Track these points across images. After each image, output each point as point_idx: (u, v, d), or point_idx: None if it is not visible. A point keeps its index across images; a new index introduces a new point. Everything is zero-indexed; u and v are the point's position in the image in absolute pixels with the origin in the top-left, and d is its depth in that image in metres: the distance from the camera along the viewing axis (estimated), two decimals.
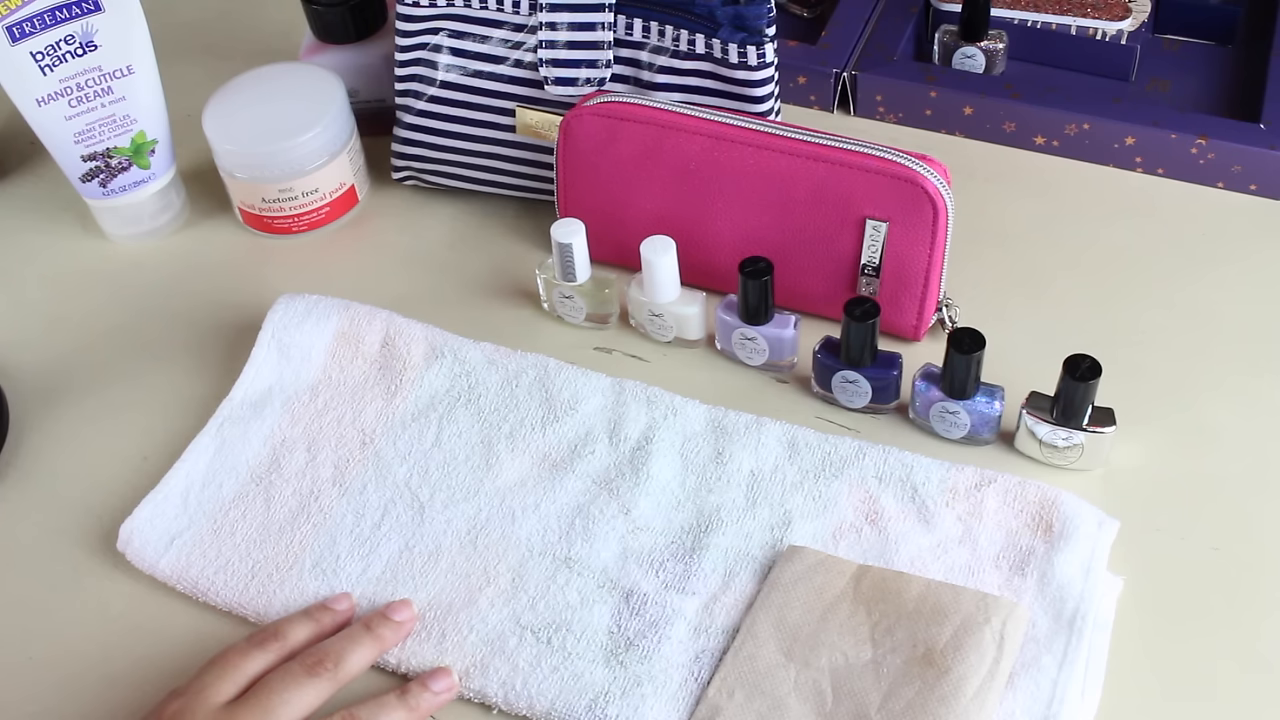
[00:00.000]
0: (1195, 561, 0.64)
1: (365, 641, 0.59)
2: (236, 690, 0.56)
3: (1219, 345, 0.73)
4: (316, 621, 0.61)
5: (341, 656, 0.58)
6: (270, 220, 0.83)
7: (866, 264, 0.72)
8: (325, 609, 0.62)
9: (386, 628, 0.60)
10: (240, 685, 0.57)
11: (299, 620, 0.61)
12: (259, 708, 0.55)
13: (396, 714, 0.57)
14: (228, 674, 0.57)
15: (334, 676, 0.57)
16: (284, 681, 0.56)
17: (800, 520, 0.66)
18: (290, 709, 0.55)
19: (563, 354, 0.74)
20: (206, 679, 0.57)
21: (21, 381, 0.77)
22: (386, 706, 0.57)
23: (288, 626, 0.60)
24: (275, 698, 0.55)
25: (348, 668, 0.58)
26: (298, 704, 0.56)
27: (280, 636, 0.59)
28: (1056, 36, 0.90)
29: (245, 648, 0.58)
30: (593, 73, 0.77)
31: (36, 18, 0.75)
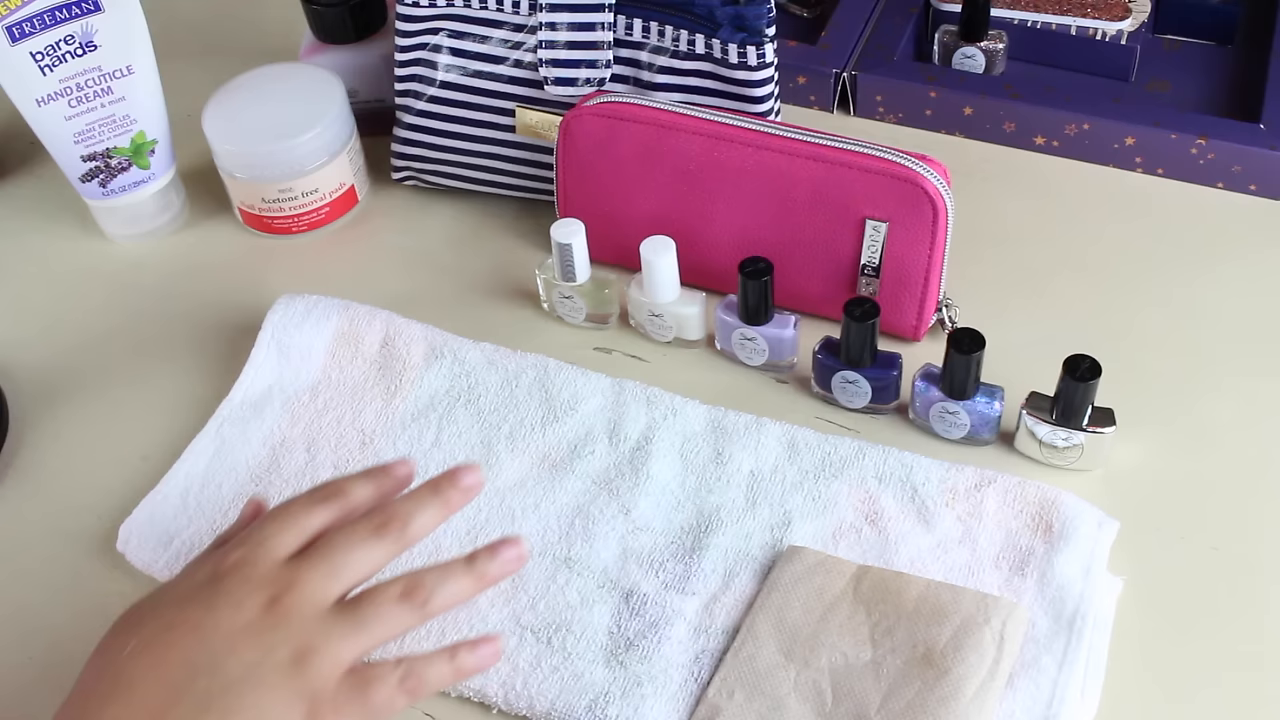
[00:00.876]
0: (1195, 561, 0.64)
1: (432, 505, 0.55)
2: (298, 544, 0.54)
3: (1219, 345, 0.73)
4: (377, 483, 0.57)
5: (409, 518, 0.54)
6: (270, 220, 0.83)
7: (866, 264, 0.72)
8: (385, 472, 0.57)
9: (454, 492, 0.56)
10: (302, 539, 0.54)
11: (360, 480, 0.57)
12: (324, 563, 0.52)
13: (462, 581, 0.54)
14: (289, 527, 0.54)
15: (400, 538, 0.54)
16: (349, 539, 0.53)
17: (800, 520, 0.66)
18: (355, 568, 0.53)
19: (563, 354, 0.74)
20: (267, 530, 0.54)
21: (21, 381, 0.77)
22: (453, 574, 0.54)
23: (349, 485, 0.56)
24: (340, 555, 0.53)
25: (414, 530, 0.54)
26: (363, 563, 0.53)
27: (342, 494, 0.56)
28: (1056, 36, 0.90)
29: (307, 502, 0.55)
30: (593, 73, 0.77)
31: (36, 18, 0.75)
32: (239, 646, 0.50)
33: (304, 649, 0.50)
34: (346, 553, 0.53)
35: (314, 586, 0.52)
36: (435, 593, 0.53)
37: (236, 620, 0.50)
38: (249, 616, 0.50)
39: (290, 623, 0.50)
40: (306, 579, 0.52)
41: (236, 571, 0.52)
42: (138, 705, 0.48)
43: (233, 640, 0.50)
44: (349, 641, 0.51)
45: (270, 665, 0.49)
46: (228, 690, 0.49)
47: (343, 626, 0.51)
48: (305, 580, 0.52)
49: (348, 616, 0.51)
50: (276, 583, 0.52)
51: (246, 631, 0.50)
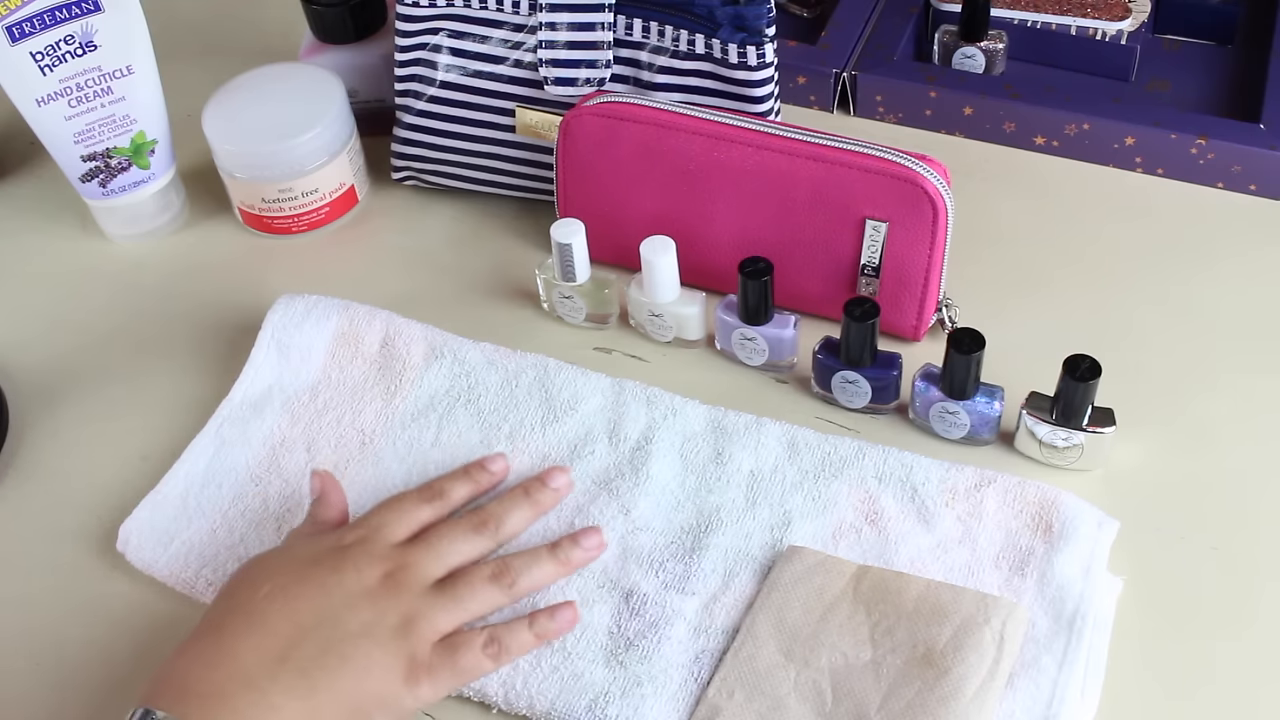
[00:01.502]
0: (1195, 561, 0.64)
1: (523, 506, 0.66)
2: (408, 533, 0.63)
3: (1219, 345, 0.73)
4: (475, 481, 0.67)
5: (503, 519, 0.65)
6: (270, 220, 0.83)
7: (866, 264, 0.72)
8: (482, 468, 0.68)
9: (544, 494, 0.66)
10: (411, 529, 0.64)
11: (459, 478, 0.67)
12: (430, 551, 0.62)
13: (547, 567, 0.63)
14: (402, 518, 0.64)
15: (495, 535, 0.64)
16: (452, 533, 0.63)
17: (800, 520, 0.66)
18: (456, 555, 0.63)
19: (562, 354, 0.74)
20: (383, 519, 0.63)
21: (21, 381, 0.77)
22: (539, 559, 0.63)
23: (449, 485, 0.66)
24: (444, 544, 0.63)
25: (508, 529, 0.65)
26: (463, 552, 0.63)
27: (443, 495, 0.66)
28: (1056, 36, 0.90)
29: (414, 499, 0.65)
30: (592, 73, 0.77)
31: (36, 18, 0.75)
32: (358, 607, 0.59)
33: (410, 616, 0.59)
34: (449, 543, 0.63)
35: (421, 566, 0.61)
36: (521, 575, 0.63)
37: (358, 585, 0.59)
38: (368, 584, 0.59)
39: (401, 593, 0.60)
40: (416, 559, 0.61)
41: (359, 546, 0.61)
42: (268, 641, 0.56)
43: (353, 601, 0.59)
44: (446, 614, 0.60)
45: (382, 626, 0.58)
46: (345, 640, 0.57)
47: (443, 600, 0.60)
48: (415, 560, 0.61)
49: (447, 593, 0.61)
50: (391, 560, 0.61)
51: (365, 596, 0.59)
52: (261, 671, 0.55)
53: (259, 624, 0.57)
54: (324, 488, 0.67)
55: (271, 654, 0.56)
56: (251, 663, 0.55)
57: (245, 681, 0.55)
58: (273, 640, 0.56)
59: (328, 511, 0.65)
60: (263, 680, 0.55)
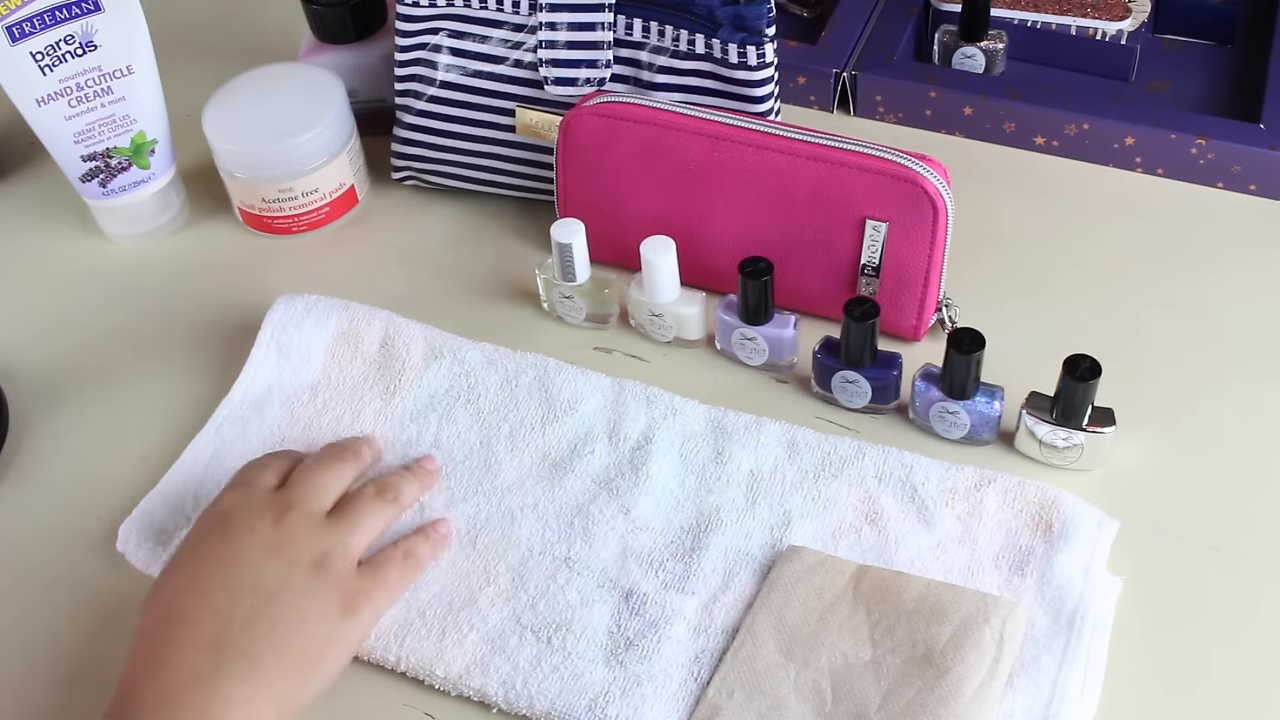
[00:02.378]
0: (1195, 561, 0.64)
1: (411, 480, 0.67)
2: (279, 478, 0.64)
3: (1219, 345, 0.73)
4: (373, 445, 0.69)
5: (401, 489, 0.66)
6: (270, 220, 0.83)
7: (866, 264, 0.72)
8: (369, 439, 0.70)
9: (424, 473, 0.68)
10: (280, 475, 0.64)
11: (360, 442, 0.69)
12: (307, 484, 0.63)
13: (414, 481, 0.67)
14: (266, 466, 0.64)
15: (358, 459, 0.67)
16: (319, 464, 0.65)
17: (800, 520, 0.66)
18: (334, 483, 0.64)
19: (563, 354, 0.74)
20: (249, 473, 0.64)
21: (21, 381, 0.77)
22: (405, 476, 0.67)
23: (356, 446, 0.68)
24: (317, 475, 0.64)
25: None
26: (336, 480, 0.64)
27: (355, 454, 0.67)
28: (1056, 36, 0.90)
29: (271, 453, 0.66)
30: (593, 73, 0.77)
31: (36, 18, 0.75)
32: (265, 563, 0.58)
33: (321, 553, 0.59)
34: (322, 473, 0.64)
35: (307, 500, 0.62)
36: (401, 488, 0.66)
37: (255, 541, 0.59)
38: (263, 536, 0.59)
39: (299, 532, 0.60)
40: (298, 496, 0.62)
41: (238, 506, 0.61)
42: (196, 634, 0.56)
43: (258, 558, 0.58)
44: (352, 537, 0.61)
45: (299, 570, 0.58)
46: (270, 601, 0.57)
47: (343, 526, 0.61)
48: (298, 498, 0.62)
49: (342, 518, 0.62)
50: (274, 505, 0.61)
51: (265, 548, 0.59)
52: (204, 664, 0.55)
53: (181, 621, 0.56)
54: None
55: (205, 645, 0.55)
56: (189, 659, 0.55)
57: (191, 679, 0.54)
58: (199, 631, 0.56)
59: None
60: (207, 673, 0.54)
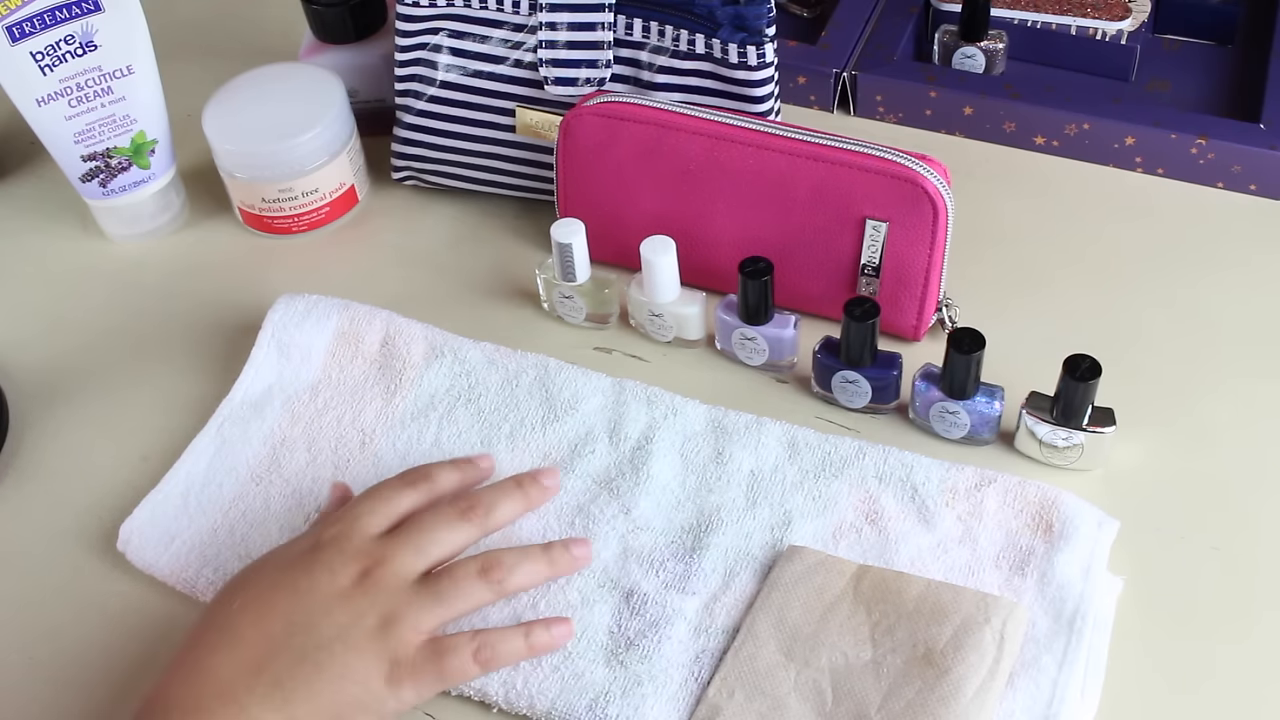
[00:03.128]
0: (1195, 561, 0.64)
1: (515, 496, 0.63)
2: (388, 524, 0.60)
3: (1219, 345, 0.73)
4: (462, 471, 0.65)
5: (492, 506, 0.62)
6: (270, 220, 0.83)
7: (866, 264, 0.72)
8: (470, 462, 0.65)
9: (535, 489, 0.64)
10: (392, 519, 0.60)
11: (447, 467, 0.64)
12: (411, 542, 0.59)
13: (538, 565, 0.61)
14: (380, 507, 0.61)
15: (483, 524, 0.61)
16: (435, 520, 0.60)
17: (800, 520, 0.66)
18: (440, 547, 0.59)
19: (563, 354, 0.74)
20: (361, 509, 0.60)
21: (21, 381, 0.77)
22: (529, 556, 0.61)
23: (436, 471, 0.63)
24: (427, 535, 0.59)
25: (496, 518, 0.62)
26: (447, 543, 0.60)
27: (430, 479, 0.63)
28: (1056, 36, 0.90)
29: (398, 485, 0.62)
30: (593, 73, 0.77)
31: (36, 18, 0.75)
32: (333, 610, 0.56)
33: (390, 616, 0.57)
34: (432, 532, 0.60)
35: (401, 561, 0.58)
36: (511, 572, 0.60)
37: (332, 587, 0.57)
38: (343, 584, 0.57)
39: (379, 592, 0.57)
40: (395, 554, 0.58)
41: (333, 544, 0.58)
42: (242, 654, 0.55)
43: (328, 604, 0.56)
44: (429, 612, 0.58)
45: (360, 629, 0.56)
46: (321, 647, 0.55)
47: (424, 598, 0.58)
48: (394, 555, 0.58)
49: (430, 590, 0.58)
50: (369, 556, 0.58)
51: (340, 597, 0.57)
52: (239, 684, 0.54)
53: (230, 637, 0.56)
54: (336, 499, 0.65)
55: (246, 666, 0.55)
56: (227, 676, 0.54)
57: (223, 695, 0.54)
58: (246, 652, 0.55)
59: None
60: (240, 693, 0.54)
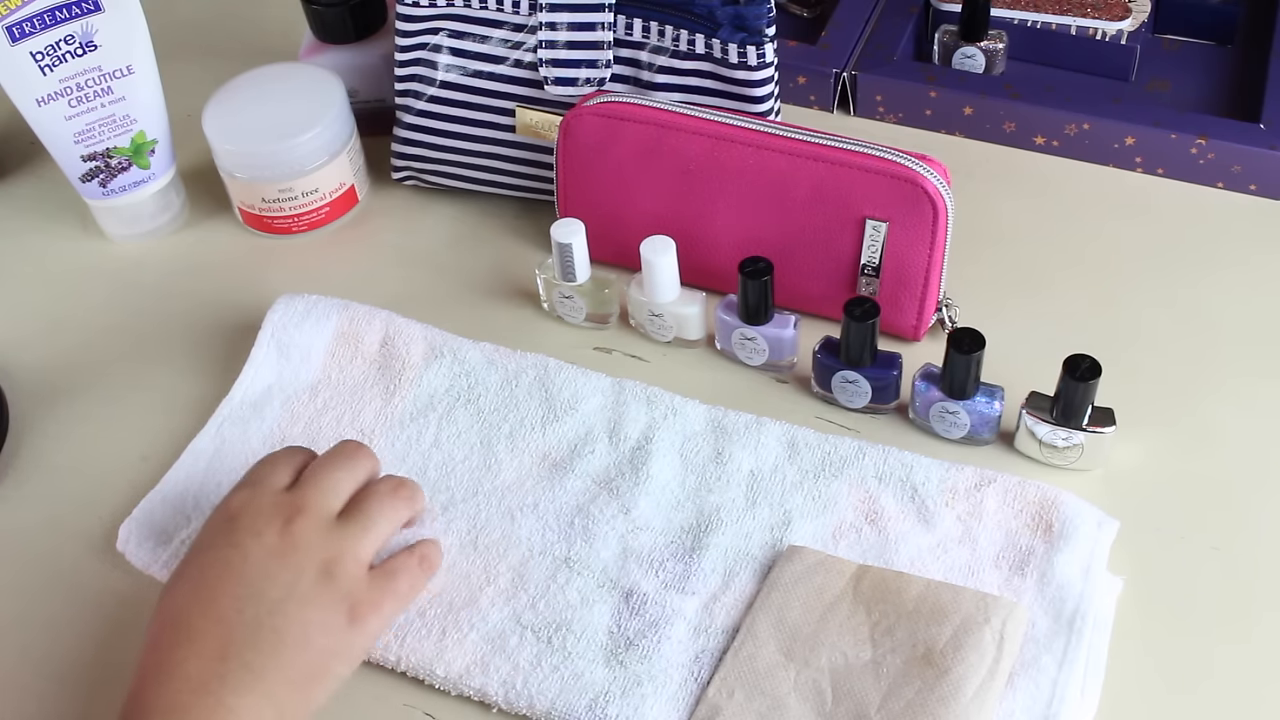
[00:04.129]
0: (1195, 561, 0.64)
1: None
2: (290, 478, 0.62)
3: (1219, 345, 0.73)
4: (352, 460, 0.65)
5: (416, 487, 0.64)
6: (270, 220, 0.83)
7: (866, 264, 0.72)
8: None
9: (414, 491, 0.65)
10: (291, 474, 0.62)
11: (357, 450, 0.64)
12: (317, 484, 0.61)
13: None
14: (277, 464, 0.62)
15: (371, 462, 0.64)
16: (330, 463, 0.62)
17: (800, 520, 0.66)
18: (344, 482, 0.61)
19: (563, 354, 0.74)
20: (261, 472, 0.62)
21: (21, 381, 0.77)
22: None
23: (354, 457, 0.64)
24: (327, 475, 0.61)
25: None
26: (349, 479, 0.62)
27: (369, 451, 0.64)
28: (1056, 36, 0.90)
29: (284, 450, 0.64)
30: (593, 73, 0.77)
31: (36, 18, 0.75)
32: (272, 571, 0.57)
33: (328, 560, 0.58)
34: (331, 472, 0.61)
35: (314, 501, 0.59)
36: (417, 487, 0.63)
37: (261, 549, 0.57)
38: (271, 542, 0.57)
39: (308, 539, 0.58)
40: (308, 499, 0.59)
41: (246, 508, 0.59)
42: (201, 645, 0.55)
43: (265, 566, 0.57)
44: (362, 542, 0.59)
45: (305, 580, 0.57)
46: (274, 612, 0.56)
47: (353, 529, 0.59)
48: (307, 500, 0.59)
49: (353, 521, 0.60)
50: (283, 509, 0.59)
51: (272, 556, 0.57)
52: (208, 675, 0.54)
53: (185, 632, 0.55)
54: None
55: (210, 656, 0.55)
56: (194, 670, 0.54)
57: (196, 688, 0.54)
58: (204, 642, 0.55)
59: None
60: (212, 684, 0.54)
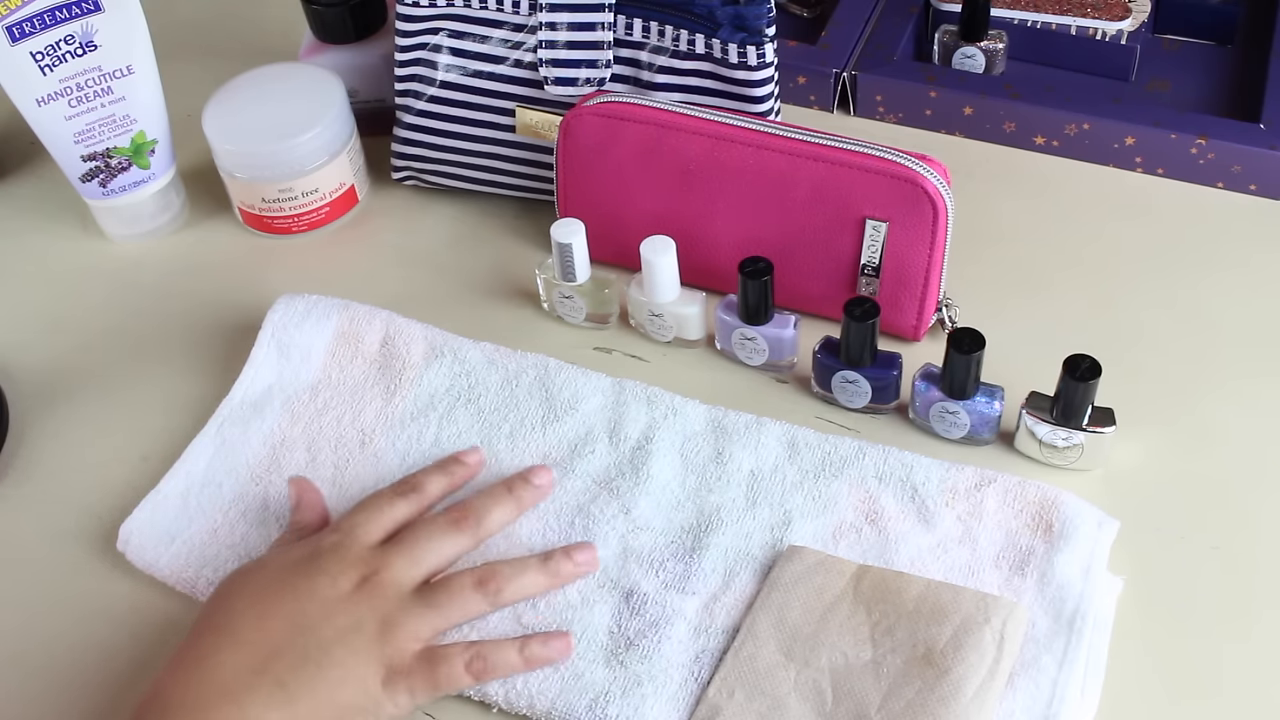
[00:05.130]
0: (1195, 561, 0.64)
1: (505, 502, 0.64)
2: (384, 534, 0.62)
3: (1219, 345, 0.73)
4: (450, 475, 0.66)
5: (483, 514, 0.64)
6: (270, 220, 0.83)
7: (866, 264, 0.72)
8: (457, 461, 0.67)
9: (526, 490, 0.65)
10: (387, 529, 0.63)
11: (434, 473, 0.66)
12: (407, 552, 0.61)
13: (536, 577, 0.62)
14: (375, 518, 0.63)
15: (475, 532, 0.63)
16: (430, 531, 0.62)
17: (800, 520, 0.66)
18: (435, 556, 0.61)
19: (563, 354, 0.74)
20: (357, 519, 0.62)
21: (21, 381, 0.77)
22: (527, 568, 0.62)
23: (425, 479, 0.65)
24: (421, 545, 0.61)
25: (488, 525, 0.64)
26: (441, 553, 0.62)
27: (419, 489, 0.65)
28: (1056, 36, 0.90)
29: (389, 495, 0.64)
30: (593, 73, 0.77)
31: (36, 18, 0.75)
32: (334, 614, 0.58)
33: (387, 623, 0.58)
34: (427, 542, 0.61)
35: (398, 570, 0.60)
36: (508, 584, 0.61)
37: (333, 591, 0.59)
38: (343, 589, 0.59)
39: (377, 599, 0.59)
40: (391, 564, 0.60)
41: (333, 552, 0.60)
42: (244, 654, 0.56)
43: (329, 608, 0.58)
44: (425, 621, 0.59)
45: (359, 634, 0.58)
46: (322, 649, 0.57)
47: (420, 607, 0.59)
48: (390, 564, 0.60)
49: (426, 598, 0.60)
50: (367, 564, 0.60)
51: (340, 602, 0.58)
52: (239, 684, 0.55)
53: (231, 637, 0.57)
54: (300, 493, 0.66)
55: (247, 666, 0.56)
56: (228, 676, 0.55)
57: (223, 694, 0.55)
58: (247, 652, 0.56)
59: (306, 515, 0.65)
60: (241, 692, 0.55)
